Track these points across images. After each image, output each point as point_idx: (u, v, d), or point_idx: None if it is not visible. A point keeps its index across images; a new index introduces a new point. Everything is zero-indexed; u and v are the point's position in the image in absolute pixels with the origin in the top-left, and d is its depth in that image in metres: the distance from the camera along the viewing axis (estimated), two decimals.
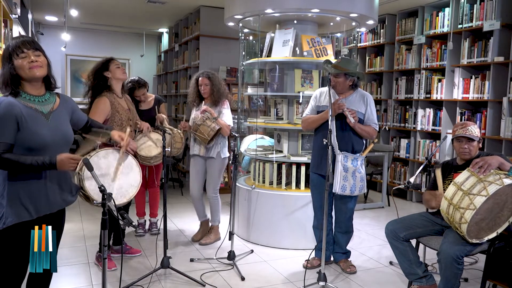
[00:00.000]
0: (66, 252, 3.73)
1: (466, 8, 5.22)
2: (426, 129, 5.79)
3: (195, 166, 4.01)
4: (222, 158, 3.93)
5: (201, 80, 3.90)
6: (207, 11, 6.46)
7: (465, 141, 2.84)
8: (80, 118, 2.31)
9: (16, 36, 2.07)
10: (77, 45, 8.93)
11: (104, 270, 2.10)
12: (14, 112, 1.91)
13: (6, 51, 1.99)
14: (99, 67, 3.34)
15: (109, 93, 3.30)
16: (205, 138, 3.75)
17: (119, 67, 3.37)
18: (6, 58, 1.98)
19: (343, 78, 3.32)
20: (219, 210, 4.07)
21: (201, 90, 3.91)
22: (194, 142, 3.98)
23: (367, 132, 3.36)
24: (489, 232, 2.59)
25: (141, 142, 3.64)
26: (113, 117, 3.26)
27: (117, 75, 3.34)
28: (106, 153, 2.37)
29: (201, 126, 3.74)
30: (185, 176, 7.26)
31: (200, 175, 4.01)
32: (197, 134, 3.79)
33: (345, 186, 3.27)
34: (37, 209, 2.01)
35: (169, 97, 8.41)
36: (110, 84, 3.33)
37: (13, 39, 2.03)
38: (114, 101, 3.29)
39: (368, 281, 3.34)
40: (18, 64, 1.96)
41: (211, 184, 4.00)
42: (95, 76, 3.33)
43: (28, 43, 2.00)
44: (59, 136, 2.05)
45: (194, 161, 4.02)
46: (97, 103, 3.25)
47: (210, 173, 3.98)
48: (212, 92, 3.88)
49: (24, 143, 1.94)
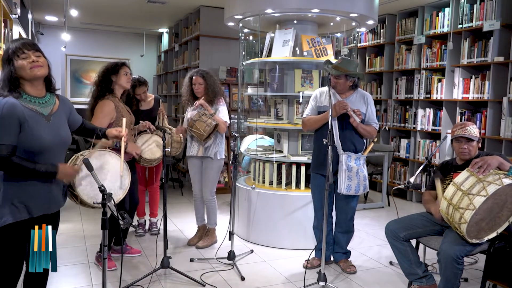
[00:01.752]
0: (66, 252, 3.73)
1: (466, 8, 5.22)
2: (426, 129, 5.79)
3: (193, 168, 3.93)
4: (218, 159, 3.84)
5: (195, 79, 3.80)
6: (207, 11, 6.46)
7: (464, 142, 2.84)
8: (75, 120, 2.31)
9: (15, 39, 2.07)
10: (77, 45, 8.93)
11: (104, 270, 2.10)
12: (17, 113, 1.91)
13: (6, 54, 1.99)
14: (109, 69, 3.31)
15: (112, 97, 3.29)
16: (201, 134, 3.64)
17: (126, 74, 3.34)
18: (6, 61, 1.98)
19: (344, 79, 3.32)
20: (216, 213, 4.01)
21: (195, 89, 3.81)
22: (191, 142, 3.88)
23: (369, 131, 3.36)
24: (489, 232, 2.59)
25: (142, 144, 3.65)
26: (117, 121, 3.22)
27: (120, 81, 3.31)
28: (100, 154, 2.36)
29: (197, 121, 3.63)
30: (185, 176, 7.27)
31: (200, 175, 3.94)
32: (193, 130, 3.68)
33: (350, 185, 3.28)
34: (34, 208, 2.01)
35: (169, 97, 8.41)
36: (113, 88, 3.32)
37: (13, 42, 2.04)
38: (118, 105, 3.27)
39: (368, 281, 3.34)
40: (19, 64, 1.96)
41: (208, 186, 3.89)
42: (103, 76, 3.31)
43: (29, 45, 2.00)
44: (59, 139, 2.06)
45: (191, 162, 3.93)
46: (102, 106, 3.21)
47: (207, 175, 3.86)
48: (206, 91, 3.78)
49: (24, 145, 1.94)
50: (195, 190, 4.00)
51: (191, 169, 3.97)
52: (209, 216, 3.99)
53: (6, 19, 3.78)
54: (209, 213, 3.98)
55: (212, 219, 3.99)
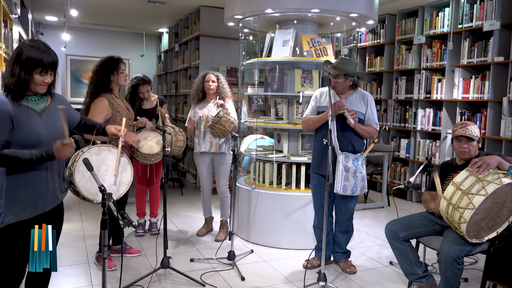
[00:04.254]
0: (66, 252, 3.73)
1: (466, 8, 5.22)
2: (426, 129, 5.79)
3: (204, 163, 4.13)
4: (230, 154, 4.00)
5: (208, 77, 4.02)
6: (207, 11, 6.46)
7: (465, 141, 2.84)
8: (73, 117, 2.31)
9: (42, 48, 1.98)
10: (77, 45, 8.93)
11: (104, 270, 2.10)
12: (8, 109, 1.91)
13: (30, 60, 1.94)
14: (106, 67, 3.31)
15: (107, 94, 3.29)
16: (225, 130, 3.86)
17: (123, 72, 3.37)
18: (24, 66, 1.94)
19: (343, 78, 3.32)
20: (229, 205, 4.14)
21: (208, 86, 4.01)
22: (204, 139, 4.03)
23: (368, 132, 3.36)
24: (489, 232, 2.59)
25: (142, 141, 3.64)
26: (114, 117, 3.26)
27: (119, 79, 3.34)
28: (99, 149, 2.35)
29: (222, 118, 3.82)
30: (185, 176, 7.27)
31: (210, 172, 4.17)
32: (216, 127, 3.85)
33: (347, 186, 3.27)
34: (35, 207, 2.01)
35: (169, 97, 8.41)
36: (110, 86, 3.32)
37: (39, 51, 1.96)
38: (113, 102, 3.29)
39: (368, 281, 3.34)
40: (35, 78, 1.95)
41: (225, 179, 4.12)
42: (100, 74, 3.30)
43: (53, 64, 1.99)
44: (54, 133, 2.05)
45: (203, 158, 4.12)
46: (96, 104, 3.24)
47: (223, 168, 4.10)
48: (218, 88, 4.01)
49: (19, 140, 1.94)
50: (204, 184, 4.20)
51: (201, 165, 4.15)
52: (224, 208, 4.21)
53: (6, 19, 3.78)
54: (224, 205, 4.20)
55: (226, 211, 4.19)
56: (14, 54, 1.97)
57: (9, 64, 1.97)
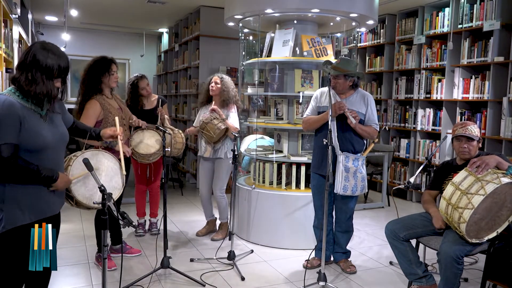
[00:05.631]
0: (66, 252, 3.74)
1: (466, 8, 5.22)
2: (426, 129, 5.79)
3: (204, 168, 4.17)
4: (228, 159, 4.01)
5: (213, 79, 4.04)
6: (207, 11, 6.46)
7: (465, 141, 2.84)
8: (67, 119, 2.29)
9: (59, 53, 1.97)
10: (77, 45, 8.92)
11: (104, 270, 2.10)
12: (17, 112, 1.87)
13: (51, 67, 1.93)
14: (98, 68, 3.28)
15: (98, 96, 3.27)
16: (212, 136, 3.82)
17: (114, 74, 3.34)
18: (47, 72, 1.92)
19: (343, 79, 3.32)
20: (227, 208, 4.18)
21: (211, 88, 4.02)
22: (202, 143, 4.08)
23: (368, 132, 3.36)
24: (489, 232, 2.59)
25: (138, 140, 3.62)
26: (106, 118, 3.24)
27: (109, 81, 3.32)
28: (92, 154, 2.34)
29: (208, 124, 3.81)
30: (185, 176, 7.27)
31: (209, 177, 4.16)
32: (204, 132, 3.87)
33: (347, 186, 3.28)
34: (36, 212, 1.99)
35: (169, 97, 8.40)
36: (101, 87, 3.30)
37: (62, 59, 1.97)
38: (105, 103, 3.27)
39: (368, 281, 3.34)
40: (50, 83, 1.94)
41: (218, 184, 4.11)
42: (91, 75, 3.27)
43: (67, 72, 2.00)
44: (58, 136, 2.04)
45: (203, 162, 4.17)
46: (87, 108, 3.21)
47: (218, 174, 4.09)
48: (221, 91, 3.98)
49: (25, 144, 1.89)
50: (202, 190, 4.22)
51: (201, 169, 4.21)
52: (221, 211, 4.22)
53: (6, 19, 3.78)
54: (220, 208, 4.21)
55: (223, 214, 4.21)
56: (29, 57, 1.91)
57: (24, 68, 1.91)
